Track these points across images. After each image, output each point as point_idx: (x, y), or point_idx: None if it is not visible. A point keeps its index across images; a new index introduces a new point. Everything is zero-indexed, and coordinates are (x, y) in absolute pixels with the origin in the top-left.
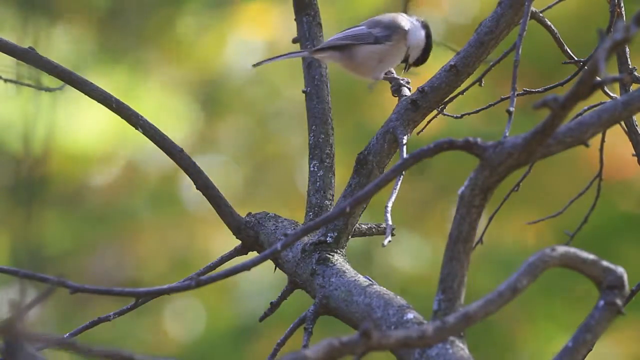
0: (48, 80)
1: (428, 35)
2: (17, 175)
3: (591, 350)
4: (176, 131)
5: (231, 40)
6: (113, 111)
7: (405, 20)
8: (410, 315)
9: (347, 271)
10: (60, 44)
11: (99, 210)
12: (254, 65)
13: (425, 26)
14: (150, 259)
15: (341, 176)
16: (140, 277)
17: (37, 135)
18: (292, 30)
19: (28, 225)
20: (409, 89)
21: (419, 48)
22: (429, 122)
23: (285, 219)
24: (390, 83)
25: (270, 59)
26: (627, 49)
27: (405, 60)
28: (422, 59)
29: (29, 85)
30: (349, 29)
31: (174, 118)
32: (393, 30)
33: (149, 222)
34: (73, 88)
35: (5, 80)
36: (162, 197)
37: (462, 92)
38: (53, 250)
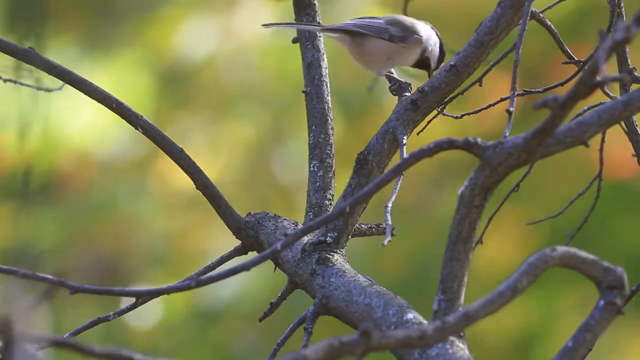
0: (48, 80)
1: (441, 45)
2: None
3: (591, 350)
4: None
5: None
6: (113, 111)
7: (425, 29)
8: (410, 315)
9: (347, 271)
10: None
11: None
12: (264, 26)
13: (439, 37)
14: None
15: (341, 176)
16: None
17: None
18: None
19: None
20: (409, 89)
21: (435, 57)
22: (429, 122)
23: (285, 219)
24: (390, 83)
25: (279, 24)
26: (627, 49)
27: (427, 66)
28: (436, 67)
29: (28, 86)
30: (365, 17)
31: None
32: (410, 34)
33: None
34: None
35: (5, 80)
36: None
37: (462, 92)
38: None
